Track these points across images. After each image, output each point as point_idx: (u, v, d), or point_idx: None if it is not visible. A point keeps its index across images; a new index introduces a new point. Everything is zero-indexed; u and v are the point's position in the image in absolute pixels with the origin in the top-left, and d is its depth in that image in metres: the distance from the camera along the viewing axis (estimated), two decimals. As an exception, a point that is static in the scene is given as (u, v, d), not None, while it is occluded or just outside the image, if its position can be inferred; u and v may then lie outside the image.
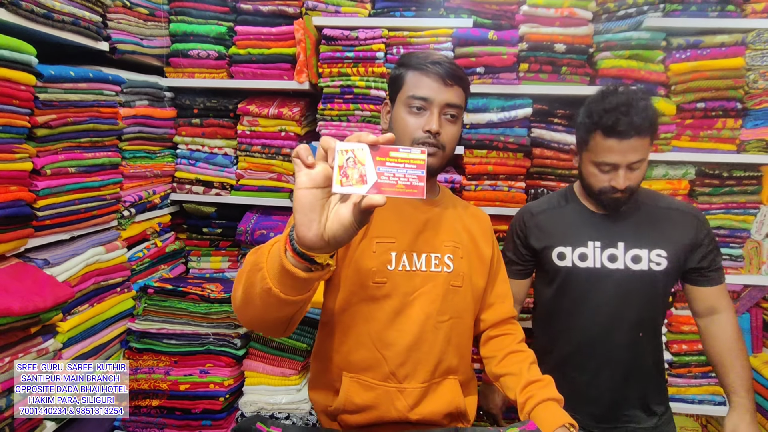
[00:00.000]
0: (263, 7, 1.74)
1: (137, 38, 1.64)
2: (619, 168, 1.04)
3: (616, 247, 1.12)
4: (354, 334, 0.93)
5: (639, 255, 1.12)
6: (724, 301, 1.16)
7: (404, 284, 0.92)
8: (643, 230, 1.13)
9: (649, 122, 1.01)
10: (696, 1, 1.61)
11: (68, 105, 1.31)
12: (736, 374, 1.11)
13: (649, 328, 1.17)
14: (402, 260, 0.92)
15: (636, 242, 1.12)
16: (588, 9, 1.63)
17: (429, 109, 0.89)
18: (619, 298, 1.13)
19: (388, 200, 0.88)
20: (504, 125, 1.70)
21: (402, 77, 0.93)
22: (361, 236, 0.92)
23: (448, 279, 0.94)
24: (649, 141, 1.04)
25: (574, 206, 1.20)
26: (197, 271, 1.95)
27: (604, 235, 1.14)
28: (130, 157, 1.62)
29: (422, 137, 0.89)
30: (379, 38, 1.67)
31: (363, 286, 0.91)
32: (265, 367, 1.64)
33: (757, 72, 1.60)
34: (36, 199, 1.24)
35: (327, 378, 0.97)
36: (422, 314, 0.92)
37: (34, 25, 1.21)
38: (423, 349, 0.92)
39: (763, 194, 1.68)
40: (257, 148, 1.80)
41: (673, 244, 1.12)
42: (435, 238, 0.96)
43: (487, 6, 1.68)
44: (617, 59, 1.64)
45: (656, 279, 1.12)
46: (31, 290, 1.16)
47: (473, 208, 1.09)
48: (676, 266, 1.13)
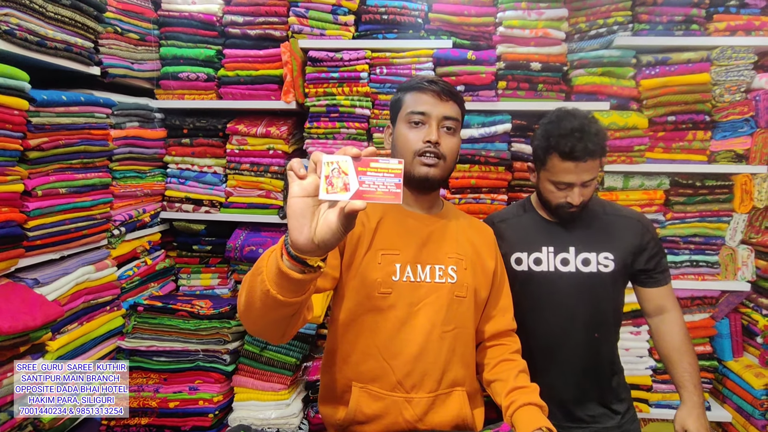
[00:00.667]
0: (251, 31, 1.80)
1: (128, 62, 1.70)
2: (574, 186, 1.12)
3: (568, 252, 1.20)
4: (362, 344, 0.95)
5: (588, 258, 1.19)
6: (671, 301, 1.23)
7: (409, 295, 0.94)
8: (591, 236, 1.21)
9: (601, 146, 1.11)
10: (662, 21, 1.70)
11: (60, 128, 1.35)
12: (684, 369, 1.17)
13: (602, 329, 1.22)
14: (406, 271, 0.95)
15: (585, 247, 1.20)
16: (561, 29, 1.72)
17: (428, 123, 0.95)
18: (572, 299, 1.20)
19: (393, 215, 0.97)
20: (485, 140, 1.76)
21: (401, 99, 1.00)
22: (366, 248, 0.94)
23: (452, 290, 0.97)
24: (599, 162, 1.14)
25: (531, 215, 1.28)
26: (187, 289, 1.97)
27: (557, 242, 1.21)
28: (120, 177, 1.66)
29: (423, 148, 0.94)
30: (362, 59, 1.74)
31: (369, 296, 0.93)
32: (255, 382, 1.65)
33: (722, 86, 1.68)
34: (27, 220, 1.27)
35: (337, 390, 0.98)
36: (427, 324, 0.94)
37: (28, 53, 1.26)
38: (429, 359, 0.94)
39: (735, 202, 1.74)
40: (246, 166, 1.84)
41: (619, 248, 1.19)
42: (439, 249, 0.99)
43: (466, 28, 1.76)
44: (591, 76, 1.72)
45: (605, 280, 1.19)
46: (21, 309, 1.17)
47: (477, 221, 1.13)
48: (622, 268, 1.20)
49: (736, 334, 1.83)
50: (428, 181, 0.95)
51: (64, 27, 1.38)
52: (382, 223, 0.97)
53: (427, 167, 0.94)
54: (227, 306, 1.65)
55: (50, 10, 1.31)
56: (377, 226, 0.96)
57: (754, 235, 1.76)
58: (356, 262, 0.94)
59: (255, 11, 1.78)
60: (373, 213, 0.98)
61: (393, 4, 1.75)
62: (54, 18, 1.33)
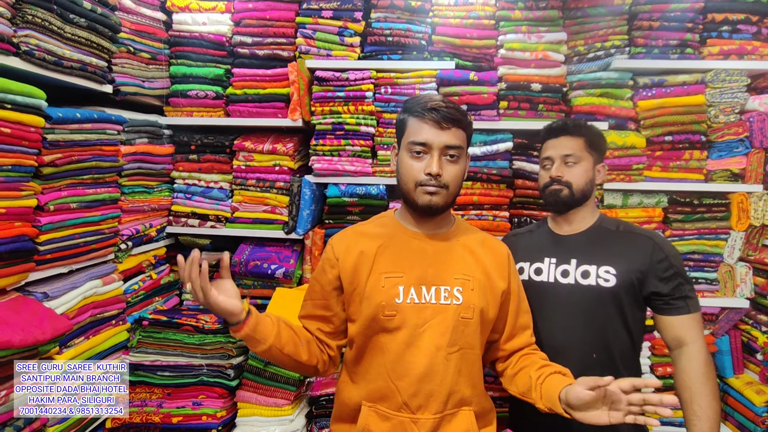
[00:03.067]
0: (259, 51, 1.86)
1: (139, 80, 1.74)
2: (554, 160, 1.21)
3: (569, 263, 1.18)
4: (372, 364, 0.98)
5: (588, 270, 1.16)
6: (693, 333, 1.10)
7: (414, 317, 0.95)
8: (596, 248, 1.18)
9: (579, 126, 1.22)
10: (658, 45, 1.76)
11: (73, 144, 1.38)
12: (692, 413, 1.06)
13: (602, 350, 1.14)
14: (410, 293, 0.95)
15: (586, 259, 1.17)
16: (560, 52, 1.78)
17: (429, 153, 0.94)
18: (569, 312, 1.16)
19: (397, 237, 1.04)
20: (487, 158, 1.80)
21: (405, 123, 0.98)
22: (367, 273, 0.97)
23: (457, 311, 0.96)
24: (583, 143, 1.20)
25: (543, 230, 1.31)
26: (191, 303, 1.98)
27: (560, 253, 1.21)
28: (128, 192, 1.69)
29: (424, 180, 0.94)
30: (368, 79, 1.79)
31: (375, 319, 0.95)
32: (258, 397, 1.64)
33: (717, 108, 1.74)
34: (38, 234, 1.29)
35: (349, 409, 1.01)
36: (432, 346, 0.94)
37: (45, 72, 1.30)
38: (435, 380, 0.94)
39: (732, 220, 1.78)
40: (252, 182, 1.87)
41: (624, 263, 1.13)
42: (445, 271, 0.98)
43: (468, 50, 1.82)
44: (589, 97, 1.77)
45: (603, 295, 1.13)
46: (31, 323, 1.18)
47: (491, 239, 1.09)
48: (628, 287, 1.13)
49: (737, 350, 1.84)
50: (431, 209, 0.96)
51: (80, 47, 1.42)
52: (383, 247, 0.99)
53: (429, 195, 0.94)
54: (232, 320, 1.66)
55: (68, 32, 1.35)
56: (377, 251, 0.98)
57: (751, 252, 1.79)
58: (359, 288, 0.97)
59: (264, 32, 1.84)
60: (374, 239, 1.00)
61: (398, 26, 1.81)
62: (71, 39, 1.38)
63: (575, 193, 1.19)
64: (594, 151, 1.22)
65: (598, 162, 1.24)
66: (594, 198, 1.25)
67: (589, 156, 1.21)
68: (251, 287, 1.92)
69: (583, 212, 1.24)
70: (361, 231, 1.04)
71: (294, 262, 1.87)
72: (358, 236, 1.02)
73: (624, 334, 1.15)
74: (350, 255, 0.98)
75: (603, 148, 1.26)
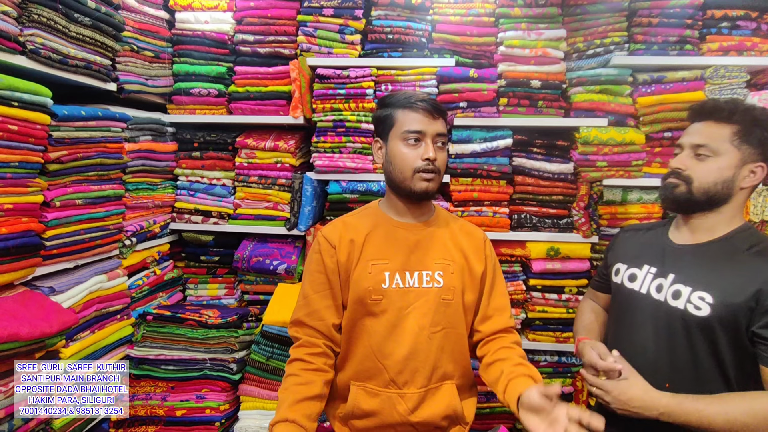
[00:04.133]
0: (261, 49, 1.87)
1: (143, 78, 1.76)
2: (683, 149, 1.00)
3: (666, 278, 1.00)
4: (359, 346, 1.05)
5: (680, 291, 0.97)
6: None
7: (399, 300, 1.02)
8: (701, 268, 0.97)
9: (735, 111, 0.96)
10: (657, 41, 1.77)
11: (78, 141, 1.41)
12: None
13: (680, 383, 0.95)
14: (395, 279, 1.02)
15: (685, 278, 0.97)
16: (559, 49, 1.79)
17: (423, 141, 1.01)
18: (650, 330, 1.01)
19: (382, 227, 1.07)
20: (487, 155, 1.81)
21: (392, 116, 1.03)
22: (356, 261, 1.03)
23: (439, 294, 1.03)
24: (731, 133, 0.94)
25: (660, 231, 1.10)
26: (194, 299, 2.01)
27: (664, 264, 1.02)
28: (133, 189, 1.71)
29: (422, 165, 1.00)
30: (368, 76, 1.80)
31: (362, 303, 1.02)
32: (261, 391, 1.67)
33: (716, 104, 1.74)
34: (45, 230, 1.31)
35: (339, 388, 1.08)
36: (416, 326, 1.01)
37: (51, 70, 1.32)
38: (419, 358, 1.01)
39: (732, 216, 1.78)
40: (254, 179, 1.90)
41: (727, 292, 0.91)
42: (426, 256, 1.05)
43: (468, 47, 1.83)
44: (589, 93, 1.78)
45: (690, 324, 0.94)
46: (38, 316, 1.21)
47: (469, 226, 1.16)
48: (727, 322, 0.90)
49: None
50: (427, 194, 1.03)
51: (84, 46, 1.44)
52: (370, 236, 1.05)
53: (426, 182, 1.01)
54: (235, 315, 1.68)
55: (73, 30, 1.38)
56: (365, 240, 1.05)
57: (751, 248, 1.79)
58: (350, 274, 1.03)
59: (265, 30, 1.86)
60: (361, 228, 1.06)
61: (398, 24, 1.82)
62: (76, 37, 1.40)
63: (694, 193, 0.96)
64: (749, 146, 0.94)
65: (755, 161, 0.95)
66: (739, 204, 0.98)
67: (734, 150, 0.94)
68: (254, 283, 1.94)
69: (713, 220, 0.99)
70: (349, 221, 1.10)
71: (296, 258, 1.89)
72: (347, 226, 1.08)
73: (716, 377, 0.94)
74: (343, 243, 1.04)
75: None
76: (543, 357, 1.88)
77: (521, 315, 1.84)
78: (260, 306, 1.89)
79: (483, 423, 1.87)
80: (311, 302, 1.05)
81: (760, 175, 0.96)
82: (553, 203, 1.85)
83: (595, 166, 1.76)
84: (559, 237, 1.82)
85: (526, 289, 1.85)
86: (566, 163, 1.80)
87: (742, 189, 0.97)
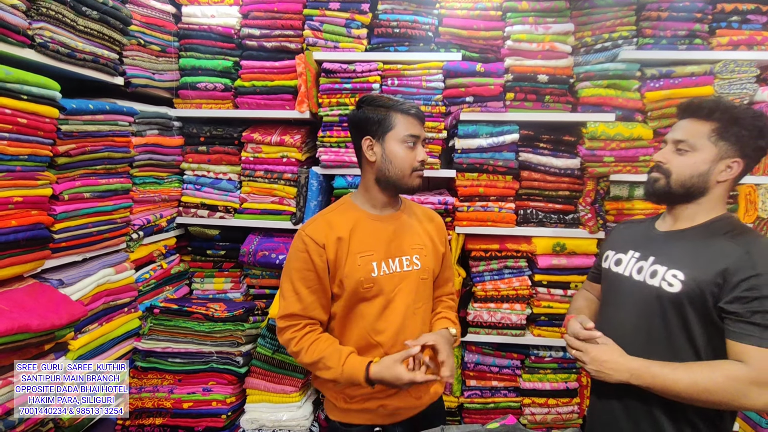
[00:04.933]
0: (267, 43, 1.87)
1: (150, 73, 1.77)
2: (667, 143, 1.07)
3: (647, 260, 1.07)
4: (355, 329, 1.16)
5: (656, 270, 1.04)
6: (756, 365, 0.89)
7: (387, 284, 1.15)
8: (677, 249, 1.04)
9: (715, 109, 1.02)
10: (666, 36, 1.75)
11: (86, 135, 1.41)
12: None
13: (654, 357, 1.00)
14: (382, 267, 1.15)
15: (662, 258, 1.04)
16: (567, 43, 1.77)
17: (418, 144, 1.15)
18: (628, 309, 1.08)
19: (362, 223, 1.18)
20: (493, 150, 1.81)
21: (390, 118, 1.13)
22: (345, 255, 1.12)
23: (418, 274, 1.19)
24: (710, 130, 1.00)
25: (649, 222, 1.18)
26: (201, 292, 2.02)
27: (646, 249, 1.10)
28: (140, 183, 1.72)
29: (418, 166, 1.15)
30: (374, 71, 1.80)
31: (356, 292, 1.13)
32: (267, 384, 1.68)
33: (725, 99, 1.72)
34: (54, 223, 1.32)
35: None
36: (402, 306, 1.16)
37: (59, 64, 1.33)
38: (407, 332, 1.16)
39: (740, 212, 1.77)
40: (260, 174, 1.90)
41: (696, 270, 0.97)
42: (403, 243, 1.19)
43: (475, 41, 1.82)
44: (596, 88, 1.77)
45: (663, 300, 1.00)
46: (48, 308, 1.22)
47: (429, 211, 1.34)
48: (696, 298, 0.96)
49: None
50: (418, 189, 1.19)
51: (92, 39, 1.45)
52: (354, 232, 1.15)
53: (419, 179, 1.17)
54: (241, 309, 1.69)
55: (80, 24, 1.38)
56: (350, 236, 1.14)
57: (758, 244, 1.78)
58: (341, 269, 1.12)
59: (271, 24, 1.86)
60: (345, 226, 1.14)
61: (404, 18, 1.82)
62: (83, 31, 1.40)
63: (672, 186, 1.04)
64: (726, 143, 1.00)
65: (731, 157, 1.00)
66: (717, 196, 1.04)
67: (711, 146, 1.00)
68: (259, 277, 1.95)
69: (693, 210, 1.05)
70: (332, 219, 1.16)
71: (301, 252, 1.89)
72: (331, 225, 1.15)
73: (688, 350, 0.99)
74: (330, 242, 1.12)
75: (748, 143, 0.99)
76: (548, 353, 1.88)
77: (526, 310, 1.84)
78: (266, 300, 1.90)
79: (487, 417, 1.88)
80: (303, 297, 1.12)
81: (737, 170, 1.02)
82: (559, 199, 1.84)
83: (602, 162, 1.75)
84: (565, 232, 1.82)
85: (532, 284, 1.84)
86: (573, 159, 1.79)
87: (719, 182, 1.02)
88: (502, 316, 1.83)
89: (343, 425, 1.18)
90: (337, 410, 1.19)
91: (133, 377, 1.64)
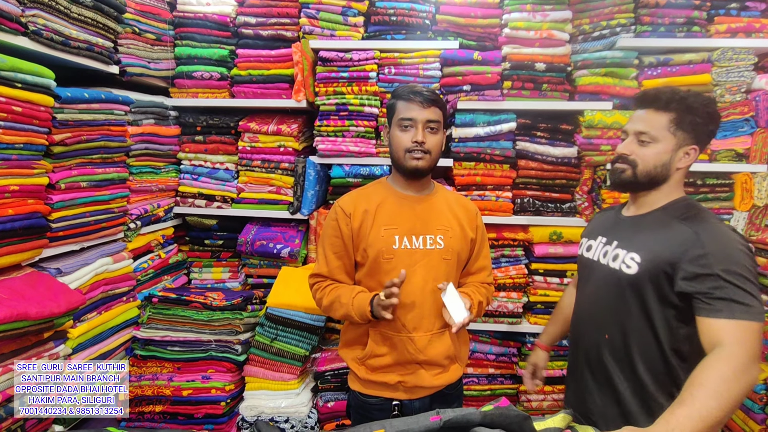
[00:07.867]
0: (263, 31, 1.86)
1: (145, 61, 1.76)
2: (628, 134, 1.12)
3: (611, 245, 1.14)
4: None
5: (618, 254, 1.10)
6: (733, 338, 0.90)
7: (406, 259, 1.19)
8: (636, 234, 1.10)
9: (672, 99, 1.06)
10: (664, 23, 1.74)
11: (82, 124, 1.41)
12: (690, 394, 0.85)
13: (617, 335, 1.09)
14: (404, 241, 1.19)
15: (623, 243, 1.11)
16: (565, 31, 1.76)
17: (415, 126, 1.17)
18: (593, 291, 1.17)
19: (391, 198, 1.25)
20: (490, 138, 1.80)
21: (394, 105, 1.21)
22: (370, 226, 1.20)
23: (440, 254, 1.21)
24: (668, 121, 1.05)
25: (618, 209, 1.24)
26: (199, 282, 2.03)
27: (612, 234, 1.16)
28: (136, 173, 1.72)
29: (412, 146, 1.17)
30: (371, 59, 1.79)
31: (376, 261, 1.19)
32: (266, 372, 1.70)
33: (723, 87, 1.72)
34: (51, 212, 1.32)
35: (357, 335, 1.26)
36: (421, 281, 1.19)
37: (53, 52, 1.32)
38: (425, 307, 1.19)
39: (736, 200, 1.78)
40: (257, 163, 1.90)
41: (651, 252, 1.03)
42: (429, 222, 1.23)
43: (472, 29, 1.81)
44: (594, 76, 1.76)
45: (622, 281, 1.07)
46: (46, 297, 1.23)
47: (464, 199, 1.36)
48: (653, 278, 1.02)
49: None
50: (417, 171, 1.19)
51: (86, 27, 1.44)
52: (381, 206, 1.22)
53: (416, 160, 1.18)
54: (239, 298, 1.70)
55: (74, 11, 1.37)
56: (377, 209, 1.22)
57: (754, 232, 1.79)
58: (365, 238, 1.20)
59: (267, 12, 1.84)
60: (373, 199, 1.23)
61: (401, 5, 1.80)
62: (77, 19, 1.39)
63: (639, 176, 1.08)
64: (683, 132, 1.05)
65: (688, 144, 1.05)
66: (676, 181, 1.09)
67: (670, 136, 1.05)
68: (257, 266, 1.96)
69: (654, 196, 1.11)
70: (363, 193, 1.27)
71: (299, 241, 1.90)
72: (361, 197, 1.25)
73: (645, 330, 1.04)
74: (357, 212, 1.21)
75: (702, 129, 1.05)
76: (544, 340, 1.89)
77: (523, 299, 1.86)
78: (264, 289, 1.91)
79: (484, 404, 1.90)
80: (330, 261, 1.24)
81: (694, 156, 1.08)
82: (556, 187, 1.84)
83: (599, 150, 1.75)
84: (562, 221, 1.82)
85: (528, 273, 1.85)
86: (570, 147, 1.79)
87: (678, 169, 1.08)
88: (498, 305, 1.85)
89: (364, 396, 1.24)
90: (358, 381, 1.25)
91: (132, 365, 1.65)
